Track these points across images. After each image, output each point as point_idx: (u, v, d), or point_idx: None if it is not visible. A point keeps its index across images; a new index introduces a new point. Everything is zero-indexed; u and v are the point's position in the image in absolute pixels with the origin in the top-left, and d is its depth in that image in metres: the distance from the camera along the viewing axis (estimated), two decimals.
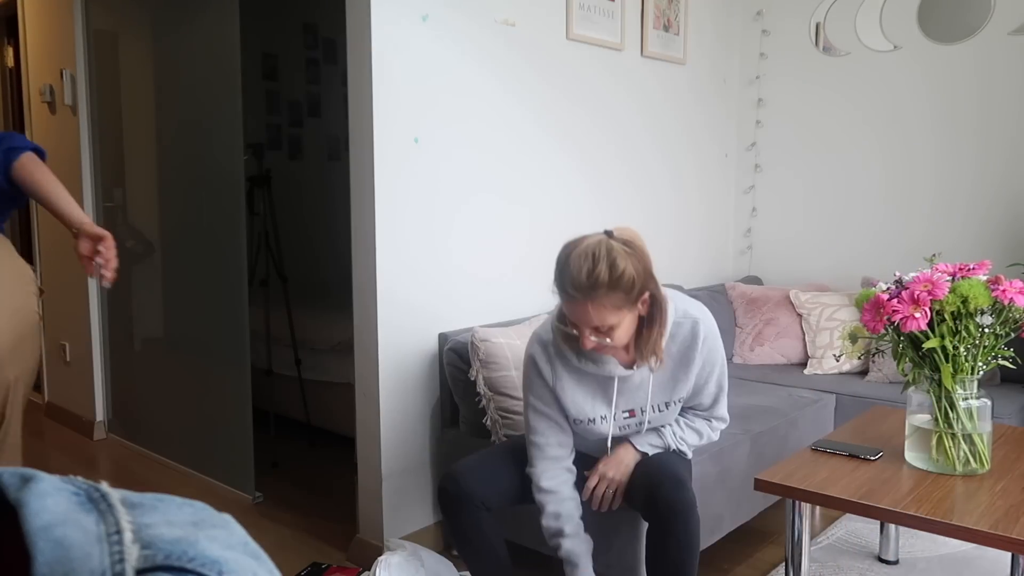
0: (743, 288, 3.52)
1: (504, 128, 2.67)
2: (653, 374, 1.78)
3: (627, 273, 1.55)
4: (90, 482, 0.36)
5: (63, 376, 3.93)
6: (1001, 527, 1.50)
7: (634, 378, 1.79)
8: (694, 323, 1.77)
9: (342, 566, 2.38)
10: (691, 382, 1.82)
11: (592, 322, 1.59)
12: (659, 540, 1.75)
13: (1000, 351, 1.74)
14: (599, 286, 1.54)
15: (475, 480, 1.82)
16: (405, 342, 2.41)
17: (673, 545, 1.72)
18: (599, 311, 1.57)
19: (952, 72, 3.29)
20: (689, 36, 3.46)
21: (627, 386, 1.79)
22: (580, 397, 1.78)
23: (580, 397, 1.78)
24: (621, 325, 1.61)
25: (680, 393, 1.83)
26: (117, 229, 3.57)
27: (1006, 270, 2.87)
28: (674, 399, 1.83)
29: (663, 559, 1.75)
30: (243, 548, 0.36)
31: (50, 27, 3.74)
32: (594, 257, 1.55)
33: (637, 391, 1.81)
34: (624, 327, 1.63)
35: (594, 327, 1.60)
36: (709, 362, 1.82)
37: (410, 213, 2.39)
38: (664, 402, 1.83)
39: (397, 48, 2.31)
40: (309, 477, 3.21)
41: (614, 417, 1.81)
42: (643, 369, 1.77)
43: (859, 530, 2.58)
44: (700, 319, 1.77)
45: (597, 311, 1.57)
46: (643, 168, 3.29)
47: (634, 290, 1.58)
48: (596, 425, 1.81)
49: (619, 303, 1.57)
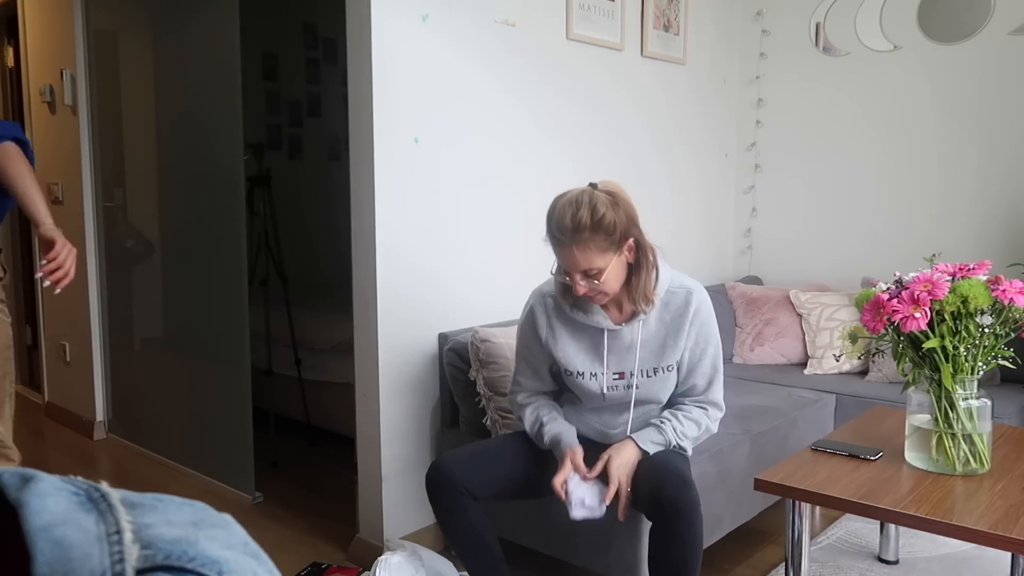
0: (743, 288, 3.52)
1: (504, 128, 2.67)
2: (642, 334, 1.83)
3: (607, 217, 1.67)
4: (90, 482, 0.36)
5: (63, 376, 3.93)
6: (1001, 527, 1.50)
7: (624, 336, 1.84)
8: (688, 292, 1.84)
9: (342, 566, 2.38)
10: (680, 350, 1.85)
11: (580, 265, 1.69)
12: (663, 539, 1.75)
13: (1000, 351, 1.74)
14: (582, 229, 1.66)
15: (459, 467, 1.85)
16: (405, 342, 2.41)
17: (677, 544, 1.72)
18: (585, 253, 1.68)
19: (952, 72, 3.29)
20: (689, 36, 3.46)
21: (617, 344, 1.85)
22: (572, 350, 1.86)
23: (572, 350, 1.86)
24: (608, 269, 1.70)
25: (669, 360, 1.85)
26: (117, 229, 3.57)
27: (1006, 270, 2.87)
28: (663, 365, 1.86)
29: (667, 558, 1.74)
30: (243, 548, 0.36)
31: (50, 27, 3.74)
32: (577, 203, 1.68)
33: (627, 353, 1.85)
34: (612, 272, 1.72)
35: (583, 271, 1.70)
36: (703, 337, 1.86)
37: (410, 213, 2.39)
38: (653, 367, 1.86)
39: (397, 48, 2.31)
40: (309, 477, 3.21)
41: (605, 375, 1.86)
42: (633, 327, 1.83)
43: (859, 530, 2.58)
44: (694, 290, 1.85)
45: (583, 253, 1.68)
46: (643, 168, 3.29)
47: (615, 233, 1.69)
48: (586, 380, 1.86)
49: (603, 246, 1.68)
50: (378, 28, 2.24)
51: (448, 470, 1.84)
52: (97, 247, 3.59)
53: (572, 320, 1.85)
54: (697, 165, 3.64)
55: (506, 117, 2.67)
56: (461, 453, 1.94)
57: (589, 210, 1.66)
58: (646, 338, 1.84)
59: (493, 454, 1.96)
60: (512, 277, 2.71)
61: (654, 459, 1.83)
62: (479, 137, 2.58)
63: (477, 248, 2.61)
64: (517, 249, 2.71)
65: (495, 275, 2.66)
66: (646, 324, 1.84)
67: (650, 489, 1.76)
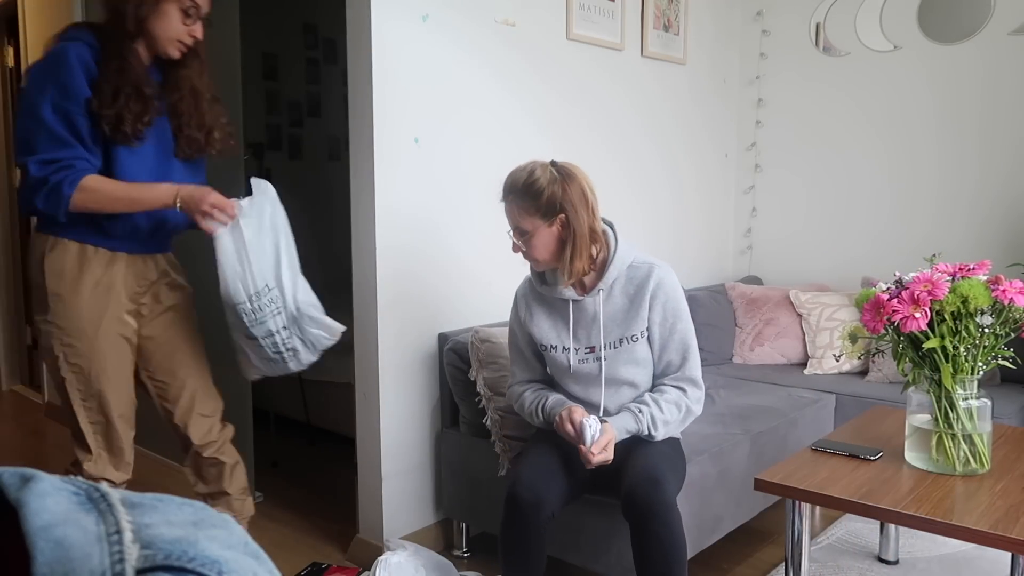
0: (743, 288, 3.52)
1: (504, 128, 2.67)
2: (604, 306, 1.91)
3: (539, 185, 1.82)
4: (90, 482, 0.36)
5: None
6: (1001, 527, 1.50)
7: (587, 308, 1.93)
8: (650, 267, 1.93)
9: (342, 566, 2.39)
10: (644, 321, 1.90)
11: (511, 220, 1.87)
12: (641, 541, 1.75)
13: (1000, 351, 1.74)
14: (515, 190, 1.85)
15: (546, 489, 1.80)
16: (405, 342, 2.41)
17: (656, 547, 1.72)
18: (512, 211, 1.86)
19: (952, 72, 3.29)
20: (689, 36, 3.46)
21: (583, 316, 1.94)
22: (546, 325, 1.98)
23: (546, 325, 1.98)
24: (536, 235, 1.84)
25: (633, 330, 1.90)
26: None
27: (1006, 270, 2.87)
28: (627, 335, 1.91)
29: (649, 560, 1.74)
30: (243, 548, 0.36)
31: (50, 27, 3.73)
32: (527, 170, 1.85)
33: (592, 325, 1.93)
34: (540, 239, 1.85)
35: (514, 228, 1.87)
36: (671, 312, 1.91)
37: (410, 213, 2.39)
38: (619, 338, 1.91)
39: (397, 48, 2.31)
40: (309, 477, 3.21)
41: (575, 350, 1.94)
42: (595, 299, 1.92)
43: (859, 530, 2.58)
44: (657, 265, 1.94)
45: (512, 211, 1.86)
46: (643, 168, 3.29)
47: (541, 201, 1.82)
48: (558, 354, 1.96)
49: (530, 210, 1.83)
50: (378, 28, 2.25)
51: (539, 493, 1.79)
52: None
53: (542, 296, 1.99)
54: (697, 165, 3.64)
55: (506, 117, 2.67)
56: (537, 471, 1.85)
57: (527, 175, 1.84)
58: (611, 311, 1.92)
59: (559, 464, 1.89)
60: (512, 277, 2.70)
61: (632, 461, 1.82)
62: (479, 137, 2.58)
63: (477, 248, 2.61)
64: None
65: (495, 275, 2.66)
66: (610, 297, 1.92)
67: (623, 491, 1.77)
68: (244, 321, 1.87)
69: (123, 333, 1.88)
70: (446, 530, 2.57)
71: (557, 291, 1.94)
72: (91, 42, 1.76)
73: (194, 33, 1.84)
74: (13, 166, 4.41)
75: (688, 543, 2.14)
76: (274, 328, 1.88)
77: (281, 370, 1.99)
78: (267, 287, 1.86)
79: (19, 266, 4.47)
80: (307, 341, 1.94)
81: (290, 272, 1.89)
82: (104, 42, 1.76)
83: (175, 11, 1.79)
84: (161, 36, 1.80)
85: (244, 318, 1.87)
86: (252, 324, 1.87)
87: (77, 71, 1.70)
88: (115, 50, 1.75)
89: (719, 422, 2.46)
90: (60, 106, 1.70)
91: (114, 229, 1.81)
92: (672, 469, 1.86)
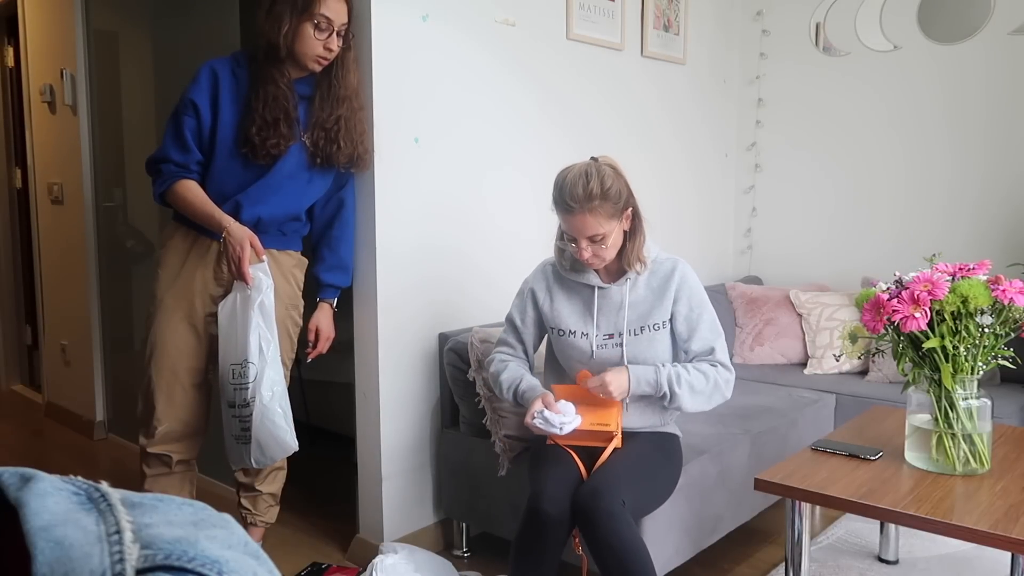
0: (743, 288, 3.52)
1: (504, 128, 2.67)
2: (631, 296, 1.94)
3: (615, 187, 1.84)
4: (90, 482, 0.36)
5: (63, 376, 3.93)
6: (1001, 527, 1.51)
7: (613, 295, 1.96)
8: (674, 262, 1.99)
9: (342, 566, 2.38)
10: (667, 311, 1.94)
11: (587, 231, 1.84)
12: (593, 550, 1.75)
13: (1000, 351, 1.74)
14: (594, 197, 1.81)
15: (563, 502, 1.79)
16: (405, 342, 2.41)
17: (610, 555, 1.72)
18: (596, 218, 1.83)
19: (952, 72, 3.29)
20: (689, 36, 3.46)
21: (607, 304, 1.96)
22: (567, 311, 1.99)
23: (567, 311, 1.99)
24: (611, 235, 1.86)
25: (655, 319, 1.93)
26: (117, 229, 3.57)
27: (1006, 270, 2.87)
28: (650, 323, 1.93)
29: (606, 569, 1.74)
30: (243, 548, 0.36)
31: (50, 27, 3.74)
32: (587, 175, 1.83)
33: (617, 313, 1.95)
34: (614, 238, 1.87)
35: (589, 236, 1.85)
36: (697, 303, 1.96)
37: (410, 213, 2.39)
38: (640, 326, 1.94)
39: (397, 48, 2.31)
40: (309, 477, 3.21)
41: (596, 336, 1.96)
42: (622, 288, 1.95)
43: (859, 530, 2.58)
44: (680, 261, 2.00)
45: (594, 218, 1.83)
46: (643, 168, 3.29)
47: (620, 201, 1.85)
48: (577, 339, 1.97)
49: (610, 213, 1.84)
50: (378, 28, 2.25)
51: (564, 510, 1.78)
52: (97, 247, 3.59)
53: (567, 282, 2.00)
54: (697, 165, 3.64)
55: (506, 117, 2.67)
56: (561, 486, 1.83)
57: (599, 181, 1.82)
58: (635, 300, 1.95)
59: (579, 472, 1.88)
60: (512, 277, 2.70)
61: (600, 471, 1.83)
62: (479, 137, 2.58)
63: (477, 248, 2.61)
64: (517, 248, 2.71)
65: (495, 275, 2.66)
66: (635, 287, 1.95)
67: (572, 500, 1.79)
68: (229, 383, 2.01)
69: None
70: (446, 530, 2.57)
71: (586, 277, 1.96)
72: (239, 59, 2.03)
73: (330, 46, 1.99)
74: (14, 167, 4.41)
75: (688, 543, 2.15)
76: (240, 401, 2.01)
77: (237, 458, 2.09)
78: (248, 361, 1.98)
79: (19, 266, 4.47)
80: (260, 440, 2.01)
81: (262, 362, 1.99)
82: (261, 63, 1.99)
83: (309, 28, 1.97)
84: (301, 54, 1.99)
85: (230, 381, 2.01)
86: (236, 388, 2.01)
87: (202, 87, 2.00)
88: (269, 75, 1.98)
89: (719, 422, 2.46)
90: (180, 115, 1.99)
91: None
92: (642, 478, 1.86)
